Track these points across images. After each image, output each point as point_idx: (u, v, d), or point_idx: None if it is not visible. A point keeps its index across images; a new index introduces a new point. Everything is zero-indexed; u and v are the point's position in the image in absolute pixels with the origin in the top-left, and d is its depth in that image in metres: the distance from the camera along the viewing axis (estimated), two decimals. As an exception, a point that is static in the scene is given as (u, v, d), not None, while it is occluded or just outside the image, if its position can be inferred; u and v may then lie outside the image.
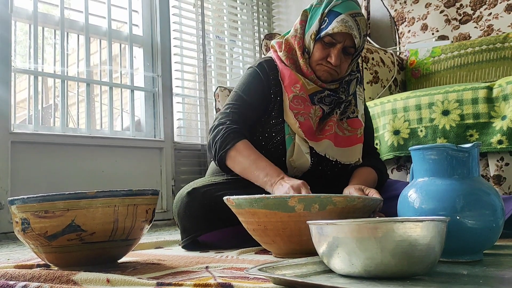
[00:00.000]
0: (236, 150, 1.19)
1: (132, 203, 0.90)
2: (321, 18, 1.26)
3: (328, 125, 1.29)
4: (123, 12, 2.56)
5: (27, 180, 2.03)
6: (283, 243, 0.96)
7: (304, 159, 1.25)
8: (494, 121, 1.53)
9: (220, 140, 1.20)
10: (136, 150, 2.42)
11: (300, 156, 1.25)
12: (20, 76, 2.23)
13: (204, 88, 2.74)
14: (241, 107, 1.28)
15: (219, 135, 1.21)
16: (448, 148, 0.82)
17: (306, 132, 1.25)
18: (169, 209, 2.50)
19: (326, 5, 1.26)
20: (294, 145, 1.25)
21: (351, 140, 1.32)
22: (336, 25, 1.21)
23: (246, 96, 1.29)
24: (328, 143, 1.28)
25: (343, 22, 1.21)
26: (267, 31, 3.22)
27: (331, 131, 1.29)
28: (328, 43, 1.25)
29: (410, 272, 0.67)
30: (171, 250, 1.28)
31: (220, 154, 1.20)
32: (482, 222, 0.79)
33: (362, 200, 0.96)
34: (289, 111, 1.26)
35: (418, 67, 2.20)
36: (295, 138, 1.26)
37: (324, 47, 1.25)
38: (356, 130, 1.34)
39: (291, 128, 1.26)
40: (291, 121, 1.26)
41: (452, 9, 2.29)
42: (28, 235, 0.88)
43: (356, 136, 1.33)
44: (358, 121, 1.35)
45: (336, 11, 1.23)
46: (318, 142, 1.27)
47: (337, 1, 1.25)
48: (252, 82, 1.31)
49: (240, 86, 1.32)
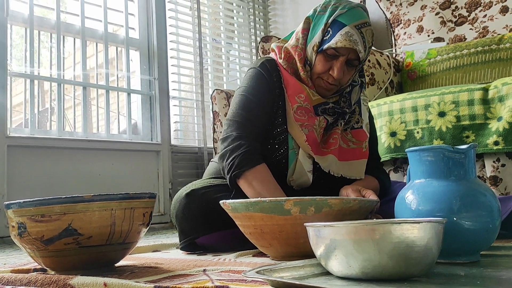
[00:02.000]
0: (254, 173, 1.15)
1: (129, 206, 0.90)
2: (324, 28, 1.19)
3: (333, 138, 1.25)
4: (120, 15, 2.56)
5: (23, 184, 2.02)
6: (280, 246, 0.96)
7: (305, 179, 1.22)
8: (490, 122, 1.53)
9: (239, 157, 1.15)
10: (133, 153, 2.42)
11: (300, 175, 1.22)
12: (16, 79, 2.23)
13: (201, 91, 2.75)
14: (252, 112, 1.22)
15: (239, 152, 1.16)
16: (444, 150, 0.82)
17: (312, 145, 1.21)
18: (167, 212, 2.49)
19: (331, 13, 1.19)
20: (296, 163, 1.21)
21: (355, 154, 1.28)
22: (340, 39, 1.15)
23: (254, 98, 1.23)
24: (332, 158, 1.24)
25: (348, 36, 1.15)
26: (263, 34, 3.23)
27: (336, 145, 1.25)
28: (331, 55, 1.19)
29: (407, 274, 0.67)
30: (168, 253, 1.28)
31: (237, 172, 1.15)
32: (479, 223, 0.79)
33: (358, 202, 0.96)
34: (294, 122, 1.22)
35: (414, 69, 2.21)
36: (298, 153, 1.22)
37: (327, 60, 1.20)
38: (361, 143, 1.29)
39: (295, 142, 1.22)
40: (297, 133, 1.21)
41: (448, 11, 2.30)
42: (25, 239, 0.88)
43: (361, 150, 1.29)
44: (363, 133, 1.30)
45: (341, 22, 1.17)
46: (323, 156, 1.23)
47: (343, 9, 1.18)
48: (257, 83, 1.25)
49: (246, 88, 1.26)
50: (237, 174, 1.16)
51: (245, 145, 1.17)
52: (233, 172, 1.16)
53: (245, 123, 1.21)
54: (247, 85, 1.27)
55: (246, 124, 1.21)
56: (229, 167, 1.17)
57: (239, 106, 1.24)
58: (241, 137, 1.19)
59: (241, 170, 1.15)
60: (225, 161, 1.18)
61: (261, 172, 1.16)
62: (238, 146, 1.17)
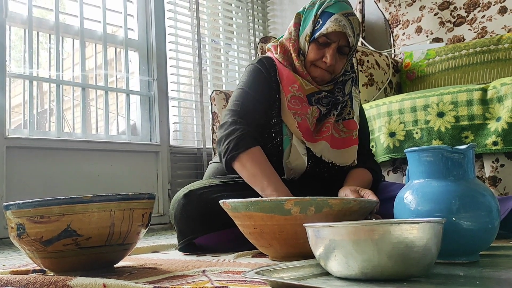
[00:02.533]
0: (249, 155, 1.18)
1: (128, 207, 0.90)
2: (314, 19, 1.27)
3: (325, 127, 1.30)
4: (118, 16, 2.56)
5: (22, 185, 2.02)
6: (279, 246, 0.96)
7: (301, 161, 1.26)
8: (489, 122, 1.53)
9: (234, 140, 1.18)
10: (132, 154, 2.42)
11: (296, 157, 1.25)
12: (15, 81, 2.23)
13: (200, 91, 2.74)
14: (250, 104, 1.27)
15: (235, 136, 1.19)
16: (443, 150, 0.82)
17: (304, 133, 1.26)
18: (166, 213, 2.49)
19: (319, 6, 1.27)
20: (291, 146, 1.25)
21: (346, 142, 1.33)
22: (330, 25, 1.23)
23: (251, 91, 1.29)
24: (324, 144, 1.28)
25: (337, 22, 1.23)
26: (262, 34, 3.23)
27: (328, 132, 1.30)
28: (322, 43, 1.26)
29: (406, 274, 0.67)
30: (167, 254, 1.28)
31: (232, 154, 1.18)
32: (478, 223, 0.79)
33: (358, 202, 0.96)
34: (288, 110, 1.27)
35: (413, 70, 2.21)
36: (292, 139, 1.26)
37: (319, 48, 1.26)
38: (352, 131, 1.34)
39: (288, 129, 1.27)
40: (290, 121, 1.26)
41: (446, 11, 2.31)
42: (24, 241, 0.88)
43: (351, 137, 1.34)
44: (353, 123, 1.36)
45: (329, 12, 1.25)
46: (315, 143, 1.28)
47: (329, 2, 1.26)
48: (256, 78, 1.31)
49: (245, 82, 1.31)
50: (232, 157, 1.19)
51: (240, 129, 1.20)
52: (228, 155, 1.19)
53: (241, 110, 1.25)
54: (245, 80, 1.33)
55: (241, 112, 1.25)
56: (225, 151, 1.20)
57: (237, 98, 1.29)
58: (236, 122, 1.22)
59: (236, 152, 1.18)
60: (221, 145, 1.21)
61: (255, 154, 1.18)
62: (234, 131, 1.20)
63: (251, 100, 1.28)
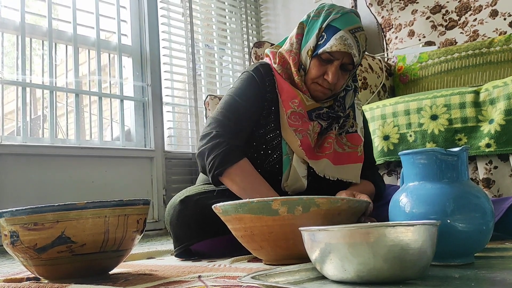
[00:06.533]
0: (237, 170, 1.14)
1: (122, 213, 0.90)
2: (318, 33, 1.20)
3: (327, 142, 1.25)
4: (112, 22, 2.55)
5: (15, 192, 2.00)
6: (270, 248, 0.96)
7: (300, 184, 1.22)
8: (482, 125, 1.54)
9: (220, 155, 1.14)
10: (127, 160, 2.41)
11: (295, 181, 1.22)
12: (8, 87, 2.22)
13: (194, 96, 2.74)
14: (236, 113, 1.22)
15: (220, 150, 1.14)
16: (437, 152, 0.83)
17: (306, 150, 1.21)
18: (161, 219, 2.48)
19: (324, 18, 1.20)
20: (291, 168, 1.21)
21: (351, 158, 1.28)
22: (335, 43, 1.16)
23: (241, 100, 1.23)
24: (327, 163, 1.24)
25: (342, 40, 1.16)
26: (256, 39, 3.23)
27: (330, 149, 1.25)
28: (325, 59, 1.20)
29: (402, 277, 0.67)
30: (163, 260, 1.27)
31: (219, 170, 1.14)
32: (473, 225, 0.79)
33: (346, 201, 0.96)
34: (288, 128, 1.21)
35: (406, 73, 2.23)
36: (292, 159, 1.22)
37: (321, 64, 1.21)
38: (357, 147, 1.29)
39: (289, 147, 1.22)
40: (291, 138, 1.21)
41: (438, 15, 2.33)
42: (17, 248, 0.87)
43: (356, 154, 1.29)
44: (357, 137, 1.30)
45: (335, 27, 1.18)
46: (318, 161, 1.23)
47: (336, 14, 1.19)
48: (247, 87, 1.25)
49: (235, 90, 1.26)
50: (220, 172, 1.15)
51: (224, 143, 1.16)
52: (215, 171, 1.15)
53: (226, 122, 1.21)
54: (236, 87, 1.27)
55: (226, 124, 1.20)
56: (210, 166, 1.16)
57: (224, 106, 1.24)
58: (219, 135, 1.18)
59: (223, 168, 1.14)
60: (205, 159, 1.17)
61: (243, 167, 1.16)
62: (217, 145, 1.16)
63: (239, 110, 1.22)
